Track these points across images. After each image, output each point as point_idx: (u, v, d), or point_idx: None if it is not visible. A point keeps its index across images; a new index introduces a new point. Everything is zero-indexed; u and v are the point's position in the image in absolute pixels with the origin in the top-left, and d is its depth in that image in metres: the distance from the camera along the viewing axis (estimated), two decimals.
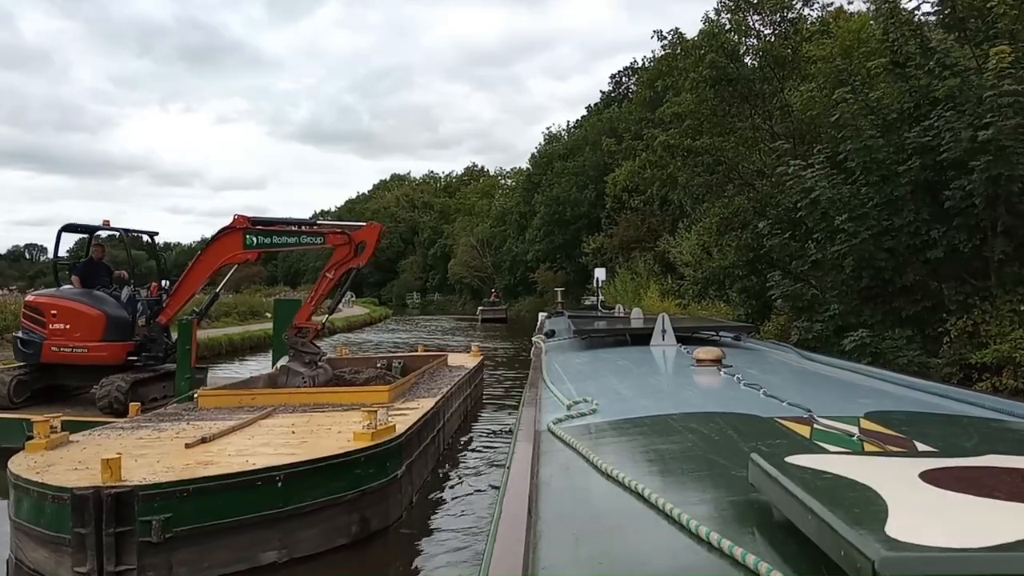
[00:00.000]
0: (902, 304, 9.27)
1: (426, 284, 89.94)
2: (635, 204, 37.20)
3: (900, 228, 8.87)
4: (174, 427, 7.05)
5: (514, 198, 64.55)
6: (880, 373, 4.55)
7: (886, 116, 9.29)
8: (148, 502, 4.73)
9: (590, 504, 2.02)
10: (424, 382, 10.39)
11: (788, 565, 1.39)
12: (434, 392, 9.39)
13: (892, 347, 8.63)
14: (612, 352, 6.04)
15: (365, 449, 5.93)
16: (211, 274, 10.28)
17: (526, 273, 54.38)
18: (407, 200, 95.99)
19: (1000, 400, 3.35)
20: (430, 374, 11.26)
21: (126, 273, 11.43)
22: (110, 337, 10.48)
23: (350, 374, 11.72)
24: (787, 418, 2.80)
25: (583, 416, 3.23)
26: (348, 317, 44.74)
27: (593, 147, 47.55)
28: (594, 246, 38.68)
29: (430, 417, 8.07)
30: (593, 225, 43.83)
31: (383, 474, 6.13)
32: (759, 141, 13.54)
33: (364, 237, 10.20)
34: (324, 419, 7.36)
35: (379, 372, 11.93)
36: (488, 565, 1.56)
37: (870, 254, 8.85)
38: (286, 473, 5.25)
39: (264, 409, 7.91)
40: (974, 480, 1.57)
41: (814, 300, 9.65)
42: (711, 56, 12.86)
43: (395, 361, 13.17)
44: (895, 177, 8.78)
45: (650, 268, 29.86)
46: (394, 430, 6.43)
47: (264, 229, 10.03)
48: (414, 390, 9.70)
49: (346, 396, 8.30)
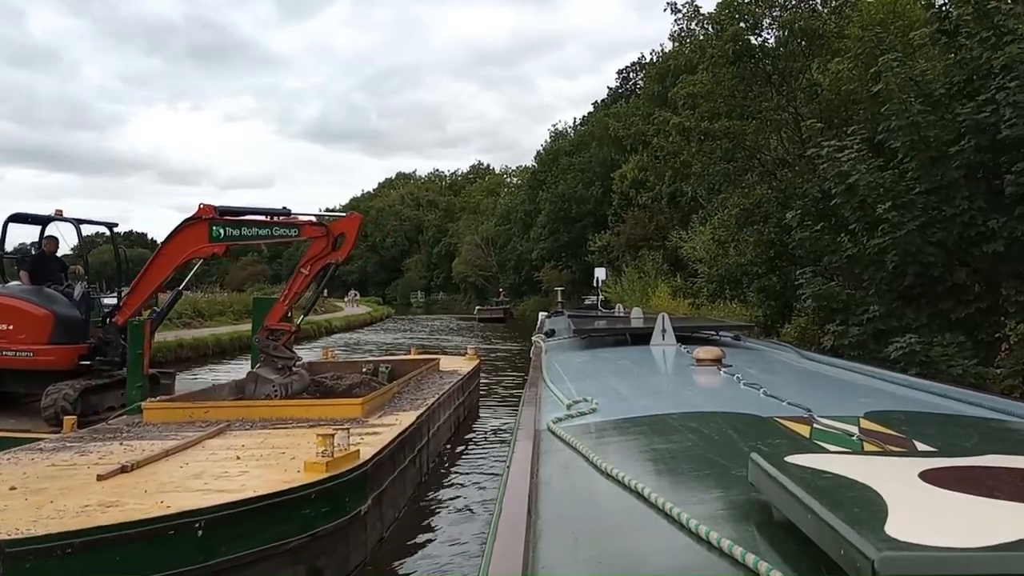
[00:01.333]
0: (951, 305, 7.98)
1: (430, 283, 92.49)
2: (643, 201, 37.11)
3: (951, 218, 7.71)
4: (102, 449, 6.00)
5: (519, 196, 63.52)
6: (880, 373, 4.58)
7: (931, 92, 7.97)
8: (16, 562, 3.49)
9: (590, 504, 2.06)
10: (409, 391, 9.27)
11: (788, 565, 1.40)
12: (418, 403, 8.30)
13: (943, 355, 7.33)
14: (612, 352, 6.13)
15: (316, 484, 4.76)
16: (174, 269, 9.52)
17: (531, 272, 54.25)
18: (412, 198, 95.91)
19: (1000, 400, 3.40)
20: (417, 382, 10.10)
21: (81, 268, 10.19)
22: (59, 339, 9.91)
23: (331, 380, 11.08)
24: (787, 418, 2.84)
25: (583, 415, 3.27)
26: (348, 316, 44.13)
27: (599, 143, 46.21)
28: (600, 244, 38.33)
29: (410, 435, 7.50)
30: (599, 223, 43.82)
31: (341, 512, 4.97)
32: (783, 125, 12.23)
33: (343, 229, 9.46)
34: (282, 439, 6.30)
35: (363, 378, 11.36)
36: (488, 564, 1.59)
37: (916, 248, 7.71)
38: (208, 519, 4.05)
39: (217, 425, 7.37)
40: (974, 480, 1.59)
41: (850, 301, 8.36)
42: (733, 28, 11.55)
43: (382, 366, 12.57)
44: (945, 160, 7.49)
45: (658, 267, 28.53)
46: (357, 456, 5.29)
47: (233, 220, 9.35)
48: (396, 401, 8.65)
49: (314, 410, 7.21)
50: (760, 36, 12.82)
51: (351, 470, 5.53)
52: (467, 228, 77.83)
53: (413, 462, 7.69)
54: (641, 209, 36.10)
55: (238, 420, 7.65)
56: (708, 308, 17.73)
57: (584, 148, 52.31)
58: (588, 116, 58.87)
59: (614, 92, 55.53)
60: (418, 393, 9.79)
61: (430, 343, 31.39)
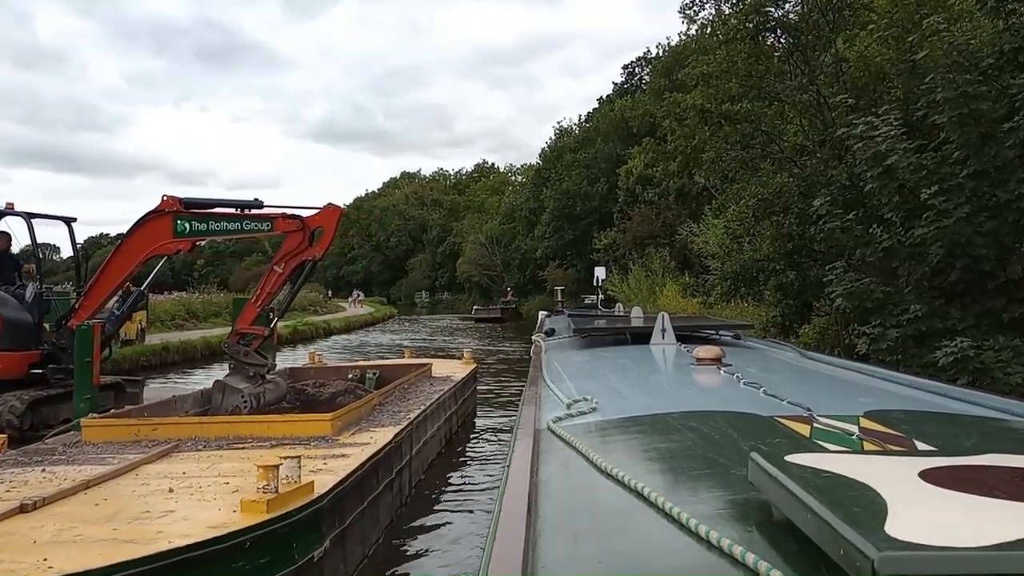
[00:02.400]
0: (1002, 304, 6.95)
1: (435, 283, 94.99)
2: (649, 197, 36.63)
3: (1005, 204, 6.65)
4: (18, 477, 5.46)
5: (523, 194, 62.65)
6: (880, 372, 4.58)
7: (978, 63, 6.89)
8: None
9: (590, 503, 2.11)
10: (393, 401, 8.44)
11: (787, 564, 1.44)
12: (401, 417, 7.51)
13: (997, 361, 6.29)
14: (612, 351, 6.21)
15: (254, 528, 3.75)
16: (136, 267, 8.90)
17: (535, 271, 53.25)
18: (416, 197, 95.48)
19: (1000, 399, 3.38)
20: (403, 390, 9.17)
21: (34, 267, 9.19)
22: (8, 345, 9.45)
23: (313, 388, 10.31)
24: (787, 417, 2.85)
25: (583, 415, 3.29)
26: (348, 317, 43.52)
27: (605, 138, 45.26)
28: (606, 242, 38.46)
29: (387, 455, 6.79)
30: (605, 220, 44.09)
31: (287, 561, 4.09)
32: (805, 108, 11.18)
33: (321, 223, 8.77)
34: (233, 464, 5.95)
35: (348, 385, 10.52)
36: (488, 564, 1.63)
37: (966, 238, 6.56)
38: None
39: (164, 445, 6.50)
40: (974, 479, 1.64)
41: (886, 300, 7.31)
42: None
43: (369, 372, 11.90)
44: (996, 138, 6.43)
45: (666, 264, 27.47)
46: (311, 490, 4.30)
47: (199, 213, 8.69)
48: (375, 414, 8.38)
49: (276, 427, 6.43)
50: (782, 8, 11.74)
51: (301, 508, 4.59)
52: (471, 227, 78.53)
53: (390, 487, 6.77)
54: (648, 206, 35.44)
55: (190, 439, 6.80)
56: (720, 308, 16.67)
57: (589, 144, 51.36)
58: (593, 112, 57.89)
59: (619, 87, 54.45)
60: (402, 404, 8.87)
61: (430, 345, 30.68)
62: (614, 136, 47.03)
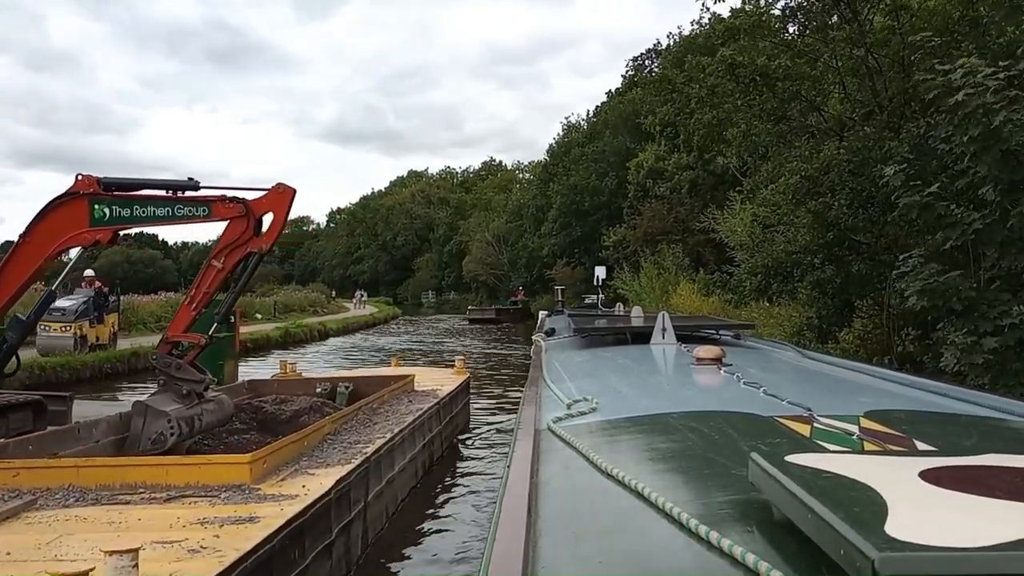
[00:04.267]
0: None
1: (441, 282, 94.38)
2: (660, 192, 34.53)
3: None
4: None
5: (530, 191, 61.10)
6: (880, 372, 4.50)
7: None
8: None
9: (590, 503, 2.10)
10: (354, 426, 6.93)
11: (788, 564, 1.43)
12: (356, 452, 5.61)
13: None
14: (612, 351, 6.09)
15: None
16: (46, 261, 7.42)
17: (543, 270, 51.43)
18: (423, 196, 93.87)
19: (1000, 399, 3.34)
20: (370, 411, 7.42)
21: None
22: None
23: (273, 405, 8.68)
24: (787, 417, 2.84)
25: (583, 415, 3.26)
26: (346, 318, 42.15)
27: (614, 131, 43.55)
28: (615, 239, 36.95)
29: (322, 512, 5.13)
30: (614, 216, 43.20)
31: None
32: (856, 68, 9.36)
33: (269, 207, 7.25)
34: (91, 535, 4.29)
35: (315, 402, 8.99)
36: (488, 564, 1.62)
37: None
38: None
39: (20, 500, 4.90)
40: (974, 479, 1.62)
41: (979, 299, 5.50)
42: None
43: (342, 384, 10.19)
44: None
45: (679, 262, 25.73)
46: None
47: (122, 196, 7.22)
48: (325, 446, 6.60)
49: (179, 472, 4.75)
50: None
51: None
52: (478, 226, 76.91)
53: (327, 553, 4.96)
54: (659, 200, 33.50)
55: (63, 487, 5.09)
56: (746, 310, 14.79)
57: (597, 137, 49.42)
58: (601, 106, 55.85)
59: (628, 80, 52.46)
60: (364, 431, 7.19)
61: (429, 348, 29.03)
62: (623, 129, 45.22)
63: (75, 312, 17.78)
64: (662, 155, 37.12)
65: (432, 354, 25.10)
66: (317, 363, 22.64)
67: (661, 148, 37.46)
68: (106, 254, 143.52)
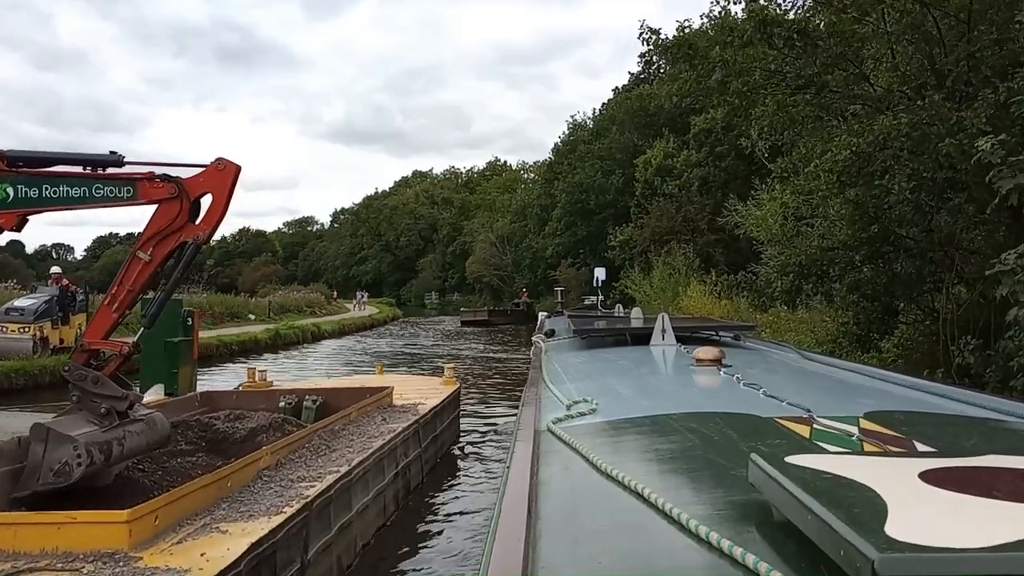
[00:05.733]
0: None
1: (445, 283, 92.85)
2: (669, 190, 33.60)
3: None
4: None
5: (535, 191, 59.82)
6: (880, 373, 4.53)
7: None
8: None
9: (590, 504, 2.10)
10: (302, 458, 5.40)
11: (787, 565, 1.44)
12: (293, 494, 4.24)
13: None
14: (612, 352, 6.10)
15: None
16: None
17: (547, 271, 51.36)
18: (427, 196, 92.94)
19: (1000, 400, 3.32)
20: (330, 434, 6.05)
21: None
22: None
23: (227, 422, 7.43)
24: (787, 418, 2.83)
25: (583, 416, 3.27)
26: (343, 320, 40.82)
27: (621, 128, 42.06)
28: (622, 239, 35.72)
29: None
30: (621, 215, 41.74)
31: None
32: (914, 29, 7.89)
33: (207, 187, 6.06)
34: None
35: (275, 419, 7.81)
36: (488, 565, 1.61)
37: None
38: None
39: None
40: (974, 480, 1.61)
41: None
42: None
43: (309, 397, 8.97)
44: None
45: (689, 262, 24.44)
46: None
47: (30, 173, 5.94)
48: (259, 485, 5.28)
49: (28, 535, 3.19)
50: None
51: None
52: (481, 226, 76.42)
53: None
54: (667, 199, 32.20)
55: None
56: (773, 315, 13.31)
57: (604, 134, 47.99)
58: (608, 103, 54.36)
59: (635, 77, 51.09)
60: (315, 462, 5.69)
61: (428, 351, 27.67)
62: (631, 125, 43.91)
63: (35, 312, 16.56)
64: (671, 152, 35.88)
65: (425, 360, 23.67)
66: (301, 368, 21.26)
67: (670, 145, 36.20)
68: (108, 254, 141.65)
